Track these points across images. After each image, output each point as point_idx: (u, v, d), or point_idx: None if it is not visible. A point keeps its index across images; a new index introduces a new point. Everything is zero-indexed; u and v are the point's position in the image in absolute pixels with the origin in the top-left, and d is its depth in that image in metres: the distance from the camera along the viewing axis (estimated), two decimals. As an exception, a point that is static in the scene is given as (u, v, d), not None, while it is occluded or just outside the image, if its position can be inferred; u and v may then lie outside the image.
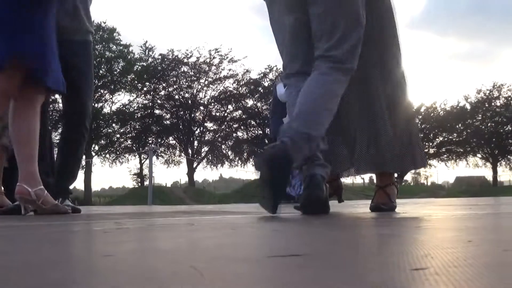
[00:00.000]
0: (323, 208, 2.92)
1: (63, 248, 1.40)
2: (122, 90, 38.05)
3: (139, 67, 37.15)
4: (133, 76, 37.44)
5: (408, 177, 35.48)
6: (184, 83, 34.72)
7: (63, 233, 1.91)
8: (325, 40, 2.95)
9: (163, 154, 35.17)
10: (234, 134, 36.12)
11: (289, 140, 2.66)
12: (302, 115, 2.86)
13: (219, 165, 36.48)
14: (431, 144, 39.38)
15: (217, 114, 36.11)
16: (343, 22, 2.92)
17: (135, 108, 37.73)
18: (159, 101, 34.31)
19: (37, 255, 1.18)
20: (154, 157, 29.31)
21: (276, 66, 35.82)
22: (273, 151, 2.70)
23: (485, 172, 40.29)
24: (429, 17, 65.97)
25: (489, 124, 39.18)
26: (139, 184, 37.44)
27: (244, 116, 36.04)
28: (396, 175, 3.53)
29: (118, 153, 38.04)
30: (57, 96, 4.92)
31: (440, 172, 50.00)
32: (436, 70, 69.12)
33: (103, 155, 38.32)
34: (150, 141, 35.92)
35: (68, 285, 0.71)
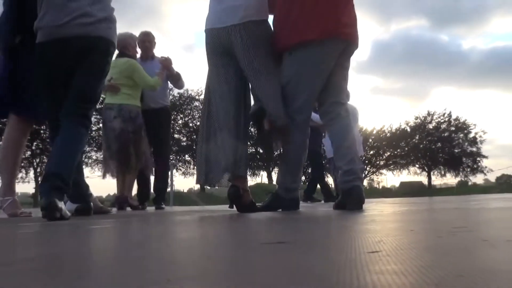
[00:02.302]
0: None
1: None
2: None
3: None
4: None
5: (365, 182, 35.41)
6: (196, 114, 34.71)
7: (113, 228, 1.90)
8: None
9: (181, 168, 34.98)
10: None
11: None
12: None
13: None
14: (381, 157, 39.60)
15: (221, 136, 36.13)
16: None
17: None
18: (177, 128, 34.25)
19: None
20: (174, 170, 29.35)
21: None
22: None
23: (422, 178, 40.37)
24: (373, 63, 67.02)
25: (424, 142, 39.35)
26: (163, 190, 37.33)
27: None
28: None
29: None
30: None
31: (388, 178, 50.23)
32: (382, 103, 69.53)
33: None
34: (171, 158, 35.76)
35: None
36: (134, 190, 5.50)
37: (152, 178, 5.43)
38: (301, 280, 0.55)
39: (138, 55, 5.38)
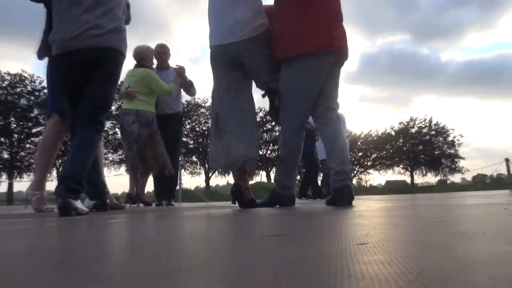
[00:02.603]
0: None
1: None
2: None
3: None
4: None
5: (354, 181, 35.39)
6: (202, 120, 34.74)
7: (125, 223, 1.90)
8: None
9: (188, 168, 34.97)
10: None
11: None
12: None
13: (226, 174, 36.41)
14: (368, 159, 39.59)
15: (225, 140, 36.15)
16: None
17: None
18: (185, 132, 34.23)
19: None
20: (182, 170, 29.36)
21: (264, 107, 35.97)
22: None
23: (405, 177, 40.37)
24: (361, 74, 66.89)
25: (407, 145, 39.37)
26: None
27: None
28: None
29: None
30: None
31: (375, 177, 50.22)
32: (369, 110, 69.57)
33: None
34: (180, 159, 35.80)
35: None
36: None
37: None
38: (297, 269, 0.55)
39: (154, 65, 5.39)
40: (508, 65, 78.78)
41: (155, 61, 5.41)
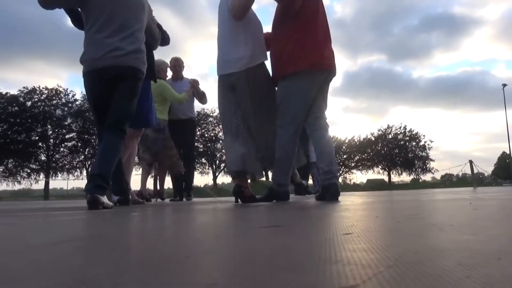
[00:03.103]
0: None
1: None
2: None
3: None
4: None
5: (340, 179, 35.44)
6: (210, 127, 34.74)
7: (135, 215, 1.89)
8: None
9: (198, 168, 34.90)
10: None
11: None
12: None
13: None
14: (352, 160, 39.59)
15: (230, 145, 36.17)
16: None
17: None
18: (196, 137, 34.27)
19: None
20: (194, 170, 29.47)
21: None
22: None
23: (384, 176, 40.34)
24: (344, 88, 67.05)
25: (385, 149, 39.37)
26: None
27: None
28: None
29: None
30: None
31: (358, 176, 50.33)
32: (352, 119, 69.74)
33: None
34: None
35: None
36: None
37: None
38: (291, 254, 0.54)
39: (169, 77, 5.33)
40: (469, 81, 79.11)
41: (170, 73, 5.35)
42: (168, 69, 5.28)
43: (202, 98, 5.44)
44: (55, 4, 2.73)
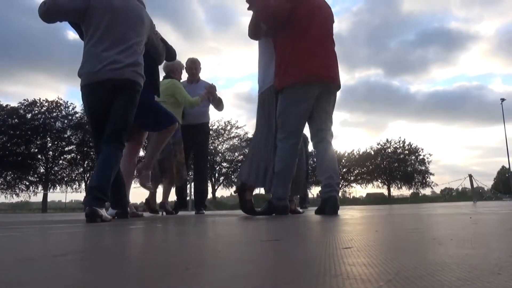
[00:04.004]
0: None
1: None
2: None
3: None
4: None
5: (339, 193, 35.30)
6: (210, 140, 34.81)
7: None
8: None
9: (197, 181, 34.80)
10: (238, 170, 35.97)
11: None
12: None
13: (230, 187, 36.30)
14: (351, 174, 39.53)
15: (229, 158, 36.05)
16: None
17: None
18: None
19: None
20: (193, 183, 29.34)
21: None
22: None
23: (383, 190, 40.21)
24: (342, 102, 67.00)
25: (384, 163, 39.33)
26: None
27: (244, 159, 36.01)
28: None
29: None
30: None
31: (357, 190, 50.04)
32: (350, 133, 69.79)
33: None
34: (190, 173, 35.80)
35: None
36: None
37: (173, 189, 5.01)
38: (291, 269, 0.54)
39: (184, 79, 5.02)
40: (467, 95, 79.48)
41: (185, 76, 5.07)
42: (184, 71, 4.99)
43: (219, 104, 5.09)
44: (56, 19, 2.76)
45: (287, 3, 3.08)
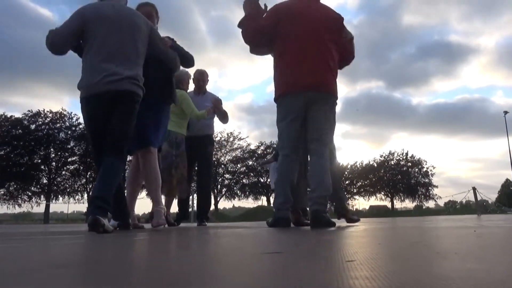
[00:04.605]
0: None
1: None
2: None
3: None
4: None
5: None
6: (213, 152, 34.81)
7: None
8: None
9: (200, 193, 34.64)
10: (241, 181, 35.94)
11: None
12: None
13: (233, 199, 36.13)
14: (354, 186, 39.36)
15: (231, 169, 36.01)
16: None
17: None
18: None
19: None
20: (195, 195, 29.27)
21: (264, 142, 36.33)
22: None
23: (386, 203, 39.92)
24: (344, 114, 66.50)
25: (387, 175, 39.16)
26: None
27: (246, 171, 35.95)
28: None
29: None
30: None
31: (360, 202, 49.69)
32: (352, 145, 69.67)
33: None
34: (193, 185, 35.68)
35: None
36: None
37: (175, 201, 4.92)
38: (293, 282, 0.54)
39: (191, 90, 4.99)
40: (469, 108, 79.43)
41: (192, 86, 5.05)
42: (191, 81, 4.96)
43: (224, 117, 5.07)
44: (63, 48, 2.79)
45: (264, 20, 3.10)
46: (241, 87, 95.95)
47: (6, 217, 31.33)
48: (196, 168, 5.07)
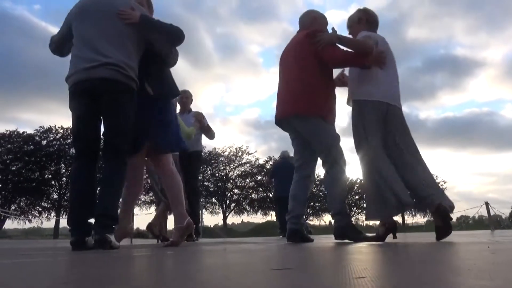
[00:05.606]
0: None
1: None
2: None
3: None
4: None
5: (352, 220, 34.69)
6: (221, 166, 34.75)
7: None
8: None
9: (208, 208, 34.55)
10: (250, 196, 35.80)
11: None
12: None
13: (241, 214, 35.97)
14: (364, 201, 38.92)
15: (240, 184, 35.95)
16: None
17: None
18: (206, 177, 34.20)
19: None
20: (204, 210, 29.16)
21: (273, 156, 36.29)
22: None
23: (397, 217, 39.29)
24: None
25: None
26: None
27: (255, 186, 35.84)
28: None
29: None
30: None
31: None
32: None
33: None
34: (202, 200, 35.59)
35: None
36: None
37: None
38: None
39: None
40: (476, 121, 78.41)
41: (178, 106, 5.17)
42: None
43: (208, 132, 5.26)
44: (64, 49, 2.75)
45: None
46: (247, 102, 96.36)
47: (16, 232, 31.53)
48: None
